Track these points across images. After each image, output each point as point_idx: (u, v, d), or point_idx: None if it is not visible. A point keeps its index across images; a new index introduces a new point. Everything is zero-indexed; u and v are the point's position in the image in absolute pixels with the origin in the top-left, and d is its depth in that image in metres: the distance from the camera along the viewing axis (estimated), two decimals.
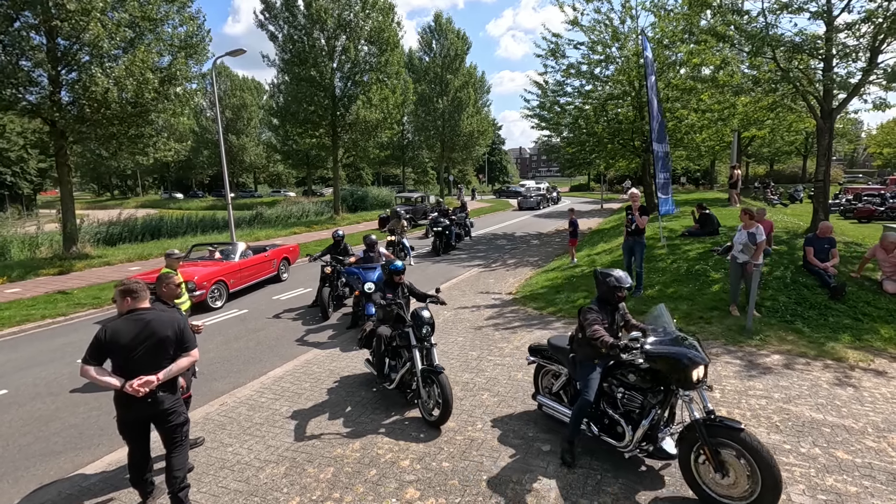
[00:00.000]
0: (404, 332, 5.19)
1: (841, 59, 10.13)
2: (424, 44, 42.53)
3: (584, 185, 69.26)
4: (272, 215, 29.86)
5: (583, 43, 18.30)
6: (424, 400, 4.86)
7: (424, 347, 5.03)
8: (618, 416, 3.87)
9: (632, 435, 3.72)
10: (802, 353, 6.12)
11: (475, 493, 3.75)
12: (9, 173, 44.39)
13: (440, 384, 4.64)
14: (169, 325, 3.46)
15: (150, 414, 3.46)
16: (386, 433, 4.74)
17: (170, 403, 3.49)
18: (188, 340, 3.55)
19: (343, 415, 5.18)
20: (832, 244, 8.11)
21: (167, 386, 3.47)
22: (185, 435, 3.63)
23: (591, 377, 3.98)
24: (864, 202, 22.82)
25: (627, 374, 3.88)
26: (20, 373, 7.11)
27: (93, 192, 78.99)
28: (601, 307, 4.13)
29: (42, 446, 5.00)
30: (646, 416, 3.67)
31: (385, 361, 5.51)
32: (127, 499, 3.91)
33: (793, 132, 28.10)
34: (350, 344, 7.58)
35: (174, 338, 3.46)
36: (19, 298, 11.36)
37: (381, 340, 5.51)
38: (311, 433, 4.81)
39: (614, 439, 3.89)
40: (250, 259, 11.62)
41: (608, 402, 4.02)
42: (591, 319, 3.96)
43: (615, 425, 3.90)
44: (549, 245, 17.90)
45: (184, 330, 3.54)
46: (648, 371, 3.71)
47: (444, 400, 4.61)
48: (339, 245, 10.08)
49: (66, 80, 14.72)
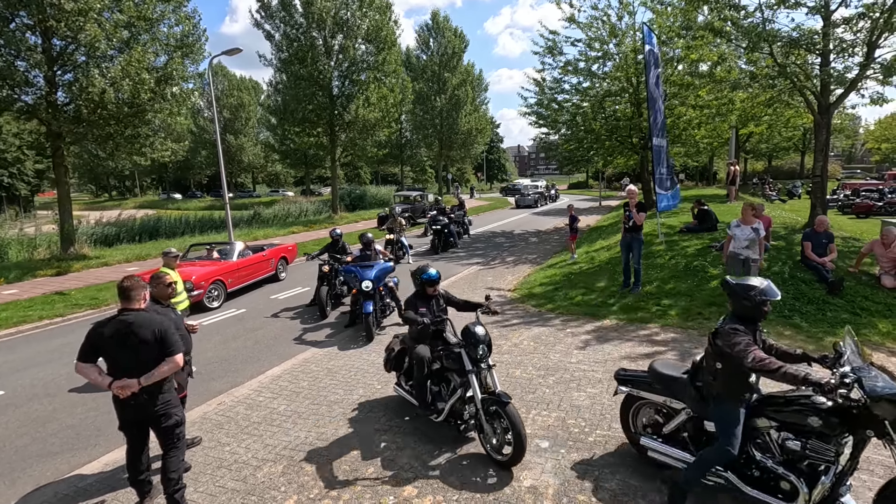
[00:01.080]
0: (454, 354, 4.39)
1: (838, 54, 10.14)
2: (422, 42, 42.51)
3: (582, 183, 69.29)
4: (270, 215, 29.83)
5: (580, 40, 18.29)
6: (488, 434, 4.08)
7: (482, 370, 4.23)
8: (781, 467, 3.04)
9: (808, 494, 2.91)
10: (800, 347, 6.11)
11: (473, 490, 3.75)
12: (5, 175, 44.26)
13: (509, 417, 3.86)
14: (149, 327, 3.37)
15: (142, 416, 3.45)
16: (385, 431, 4.73)
17: (159, 406, 3.45)
18: (170, 344, 3.41)
19: (341, 413, 5.16)
20: (830, 239, 8.11)
21: (151, 390, 3.41)
22: (179, 437, 3.60)
23: (735, 419, 3.10)
24: (862, 197, 22.82)
25: (803, 417, 2.96)
26: (17, 374, 7.09)
27: (91, 193, 78.83)
28: (746, 326, 3.15)
29: (39, 447, 4.98)
30: (830, 469, 2.88)
31: (427, 388, 4.73)
32: (124, 498, 3.90)
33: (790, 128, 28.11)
34: (348, 343, 7.58)
35: (153, 340, 3.36)
36: (16, 300, 11.33)
37: (422, 364, 4.63)
38: (309, 432, 4.80)
39: (773, 495, 3.07)
40: (248, 259, 11.59)
41: (760, 448, 3.19)
42: (745, 343, 2.98)
43: (777, 480, 3.06)
44: (548, 242, 17.90)
45: (165, 333, 3.41)
46: (836, 412, 2.87)
47: (515, 435, 3.82)
48: (337, 244, 10.07)
49: (63, 80, 14.68)
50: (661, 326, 7.21)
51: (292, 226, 25.83)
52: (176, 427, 3.56)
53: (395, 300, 8.49)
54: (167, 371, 3.41)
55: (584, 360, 6.15)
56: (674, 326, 7.15)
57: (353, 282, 8.28)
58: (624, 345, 6.57)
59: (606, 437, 4.35)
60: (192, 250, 12.26)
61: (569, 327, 7.53)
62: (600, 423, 4.57)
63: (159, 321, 3.48)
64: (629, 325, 7.42)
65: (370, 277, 7.95)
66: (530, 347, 6.72)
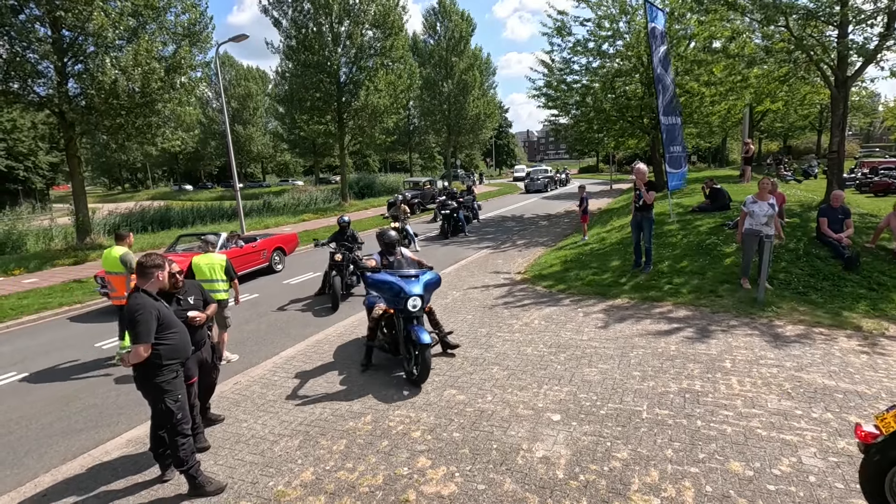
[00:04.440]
0: None
1: (857, 24, 9.84)
2: (429, 26, 42.03)
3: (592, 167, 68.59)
4: (279, 203, 30.01)
5: (589, 19, 18.00)
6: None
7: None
8: None
9: None
10: (816, 322, 6.06)
11: (485, 461, 3.80)
12: (21, 168, 44.91)
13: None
14: (125, 310, 3.51)
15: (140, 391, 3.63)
16: (398, 408, 4.80)
17: (141, 386, 3.56)
18: (134, 334, 3.38)
19: (354, 391, 5.24)
20: (847, 214, 7.97)
21: (139, 373, 3.50)
22: (165, 417, 3.56)
23: None
24: (880, 176, 22.28)
25: None
26: (40, 357, 7.29)
27: (104, 186, 79.88)
28: None
29: (64, 425, 5.14)
30: None
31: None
32: (147, 472, 4.01)
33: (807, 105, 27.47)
34: (360, 326, 7.64)
35: (126, 323, 3.49)
36: (37, 287, 11.59)
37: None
38: (324, 409, 4.88)
39: None
40: (232, 251, 10.75)
41: None
42: None
43: None
44: (558, 226, 17.81)
45: (131, 321, 3.38)
46: None
47: None
48: (345, 232, 9.70)
49: (73, 71, 14.80)
50: (674, 304, 7.17)
51: (303, 213, 25.99)
52: (156, 410, 3.60)
53: None
54: (131, 360, 3.40)
55: (596, 337, 6.16)
56: (686, 305, 7.11)
57: (387, 297, 5.57)
58: (637, 323, 6.56)
59: (618, 409, 4.37)
60: (181, 241, 11.72)
61: (580, 307, 7.52)
62: (612, 397, 4.59)
63: (131, 306, 3.47)
64: (641, 303, 7.39)
65: (418, 293, 5.34)
66: (541, 326, 6.74)
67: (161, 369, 3.50)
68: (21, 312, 9.62)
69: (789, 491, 3.20)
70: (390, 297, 5.47)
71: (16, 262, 14.73)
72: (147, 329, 3.37)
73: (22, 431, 5.06)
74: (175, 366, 3.60)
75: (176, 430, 3.53)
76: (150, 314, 3.42)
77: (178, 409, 3.54)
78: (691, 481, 3.37)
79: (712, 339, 5.83)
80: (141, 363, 3.41)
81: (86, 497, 3.75)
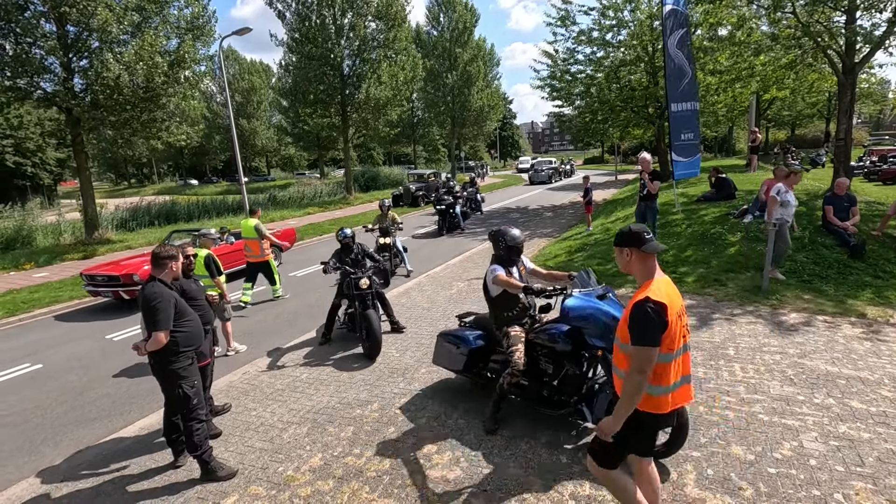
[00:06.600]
0: None
1: (865, 10, 9.72)
2: (432, 17, 41.74)
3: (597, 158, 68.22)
4: (285, 197, 30.11)
5: (594, 8, 17.84)
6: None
7: None
8: None
9: None
10: (820, 310, 6.06)
11: (490, 446, 3.87)
12: (29, 164, 45.29)
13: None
14: (142, 298, 3.58)
15: (156, 378, 3.72)
16: (403, 395, 4.88)
17: (157, 372, 3.66)
18: (151, 322, 3.46)
19: (361, 380, 5.32)
20: (853, 202, 7.92)
21: (155, 359, 3.59)
22: (181, 403, 3.63)
23: None
24: (889, 164, 22.05)
25: None
26: (53, 349, 7.43)
27: (111, 181, 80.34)
28: None
29: (78, 414, 5.26)
30: None
31: None
32: (160, 458, 4.11)
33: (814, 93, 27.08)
34: None
35: (143, 311, 3.57)
36: (48, 281, 11.77)
37: None
38: (331, 397, 4.97)
39: None
40: (221, 247, 10.02)
41: None
42: None
43: None
44: (563, 216, 17.79)
45: (151, 309, 3.45)
46: None
47: None
48: (350, 250, 6.79)
49: (79, 67, 14.88)
50: None
51: (307, 207, 26.07)
52: (172, 396, 3.66)
53: None
54: (150, 347, 3.47)
55: None
56: (691, 293, 7.12)
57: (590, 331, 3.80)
58: None
59: None
60: (175, 237, 11.26)
61: None
62: None
63: (146, 294, 3.53)
64: None
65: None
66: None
67: (178, 356, 3.62)
68: (33, 306, 9.78)
69: (790, 474, 3.25)
70: (596, 332, 3.73)
71: (26, 256, 14.93)
72: (166, 316, 3.49)
73: (38, 420, 5.19)
74: (191, 353, 3.72)
75: (191, 415, 3.65)
76: (168, 302, 3.53)
77: (195, 394, 3.66)
78: (693, 465, 3.42)
79: (716, 326, 5.86)
80: (158, 350, 3.51)
81: (102, 482, 3.86)
